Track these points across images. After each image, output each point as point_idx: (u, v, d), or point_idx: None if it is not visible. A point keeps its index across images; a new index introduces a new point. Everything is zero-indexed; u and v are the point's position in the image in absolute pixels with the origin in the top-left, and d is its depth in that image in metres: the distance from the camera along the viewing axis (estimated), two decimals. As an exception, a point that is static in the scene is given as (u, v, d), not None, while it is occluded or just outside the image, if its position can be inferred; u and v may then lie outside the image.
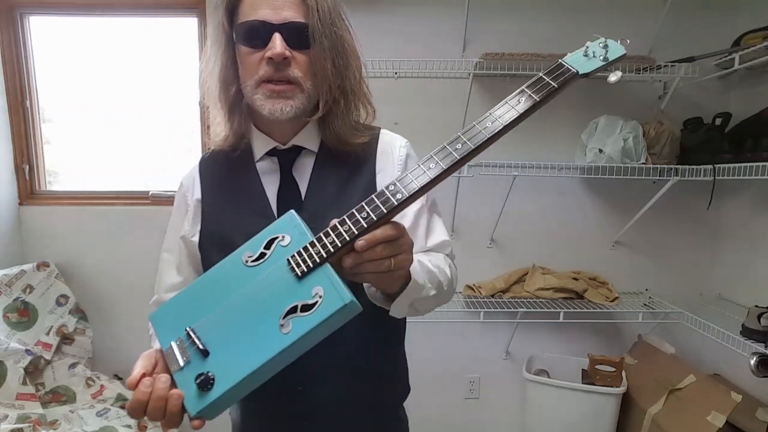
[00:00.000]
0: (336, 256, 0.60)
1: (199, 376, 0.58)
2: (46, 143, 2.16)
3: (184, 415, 0.59)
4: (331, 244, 0.60)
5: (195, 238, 0.85)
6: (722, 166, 1.65)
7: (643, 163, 1.81)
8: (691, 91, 1.96)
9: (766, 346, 1.50)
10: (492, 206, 1.99)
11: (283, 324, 0.58)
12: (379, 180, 0.83)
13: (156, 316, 0.67)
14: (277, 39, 0.73)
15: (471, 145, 0.59)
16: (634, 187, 1.97)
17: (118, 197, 2.13)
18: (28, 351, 1.79)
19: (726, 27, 1.90)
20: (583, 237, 2.09)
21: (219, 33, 0.79)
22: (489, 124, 0.59)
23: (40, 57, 2.10)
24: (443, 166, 0.59)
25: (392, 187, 0.60)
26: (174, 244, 0.88)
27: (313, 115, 0.80)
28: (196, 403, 0.57)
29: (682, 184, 1.84)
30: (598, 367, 1.88)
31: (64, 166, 2.22)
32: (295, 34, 0.74)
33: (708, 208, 1.83)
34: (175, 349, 0.61)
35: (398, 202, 0.59)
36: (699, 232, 2.07)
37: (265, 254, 0.64)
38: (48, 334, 1.92)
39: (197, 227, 0.85)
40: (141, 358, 0.64)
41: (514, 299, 1.99)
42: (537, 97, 0.59)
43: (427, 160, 0.60)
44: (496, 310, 1.93)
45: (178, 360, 0.60)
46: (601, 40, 0.62)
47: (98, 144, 2.18)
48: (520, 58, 1.75)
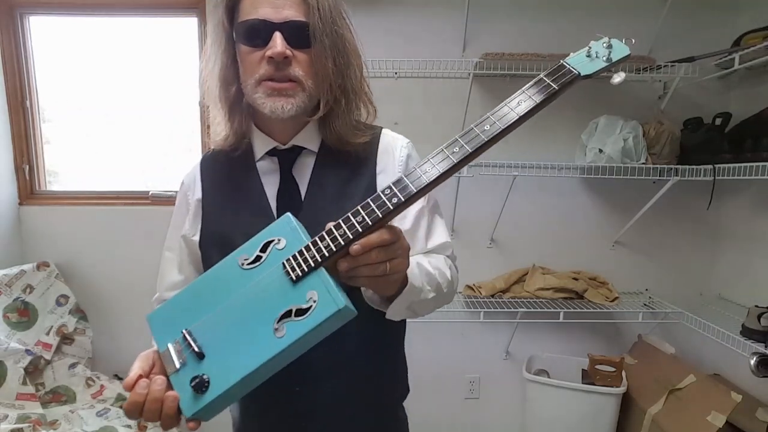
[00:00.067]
0: (331, 260, 0.60)
1: (194, 378, 0.58)
2: (46, 143, 2.16)
3: (181, 416, 0.59)
4: (326, 248, 0.59)
5: (195, 238, 0.85)
6: (722, 166, 1.65)
7: (643, 163, 1.81)
8: (691, 91, 1.96)
9: (766, 346, 1.50)
10: (492, 206, 1.99)
11: (277, 328, 0.58)
12: (380, 180, 0.82)
13: (153, 317, 0.67)
14: (278, 38, 0.72)
15: (468, 149, 0.58)
16: (634, 187, 1.96)
17: (118, 197, 2.13)
18: (28, 351, 1.79)
19: (726, 27, 1.90)
20: (583, 237, 2.09)
21: (219, 32, 0.78)
22: (487, 127, 0.58)
23: (40, 57, 2.10)
24: (440, 170, 0.58)
25: (388, 191, 0.59)
26: (175, 242, 0.88)
27: (313, 115, 0.80)
28: (191, 406, 0.58)
29: (682, 184, 1.84)
30: (598, 367, 1.88)
31: (64, 166, 2.22)
32: (296, 33, 0.73)
33: (708, 208, 1.83)
34: (171, 351, 0.62)
35: (394, 207, 0.58)
36: (699, 232, 2.07)
37: (261, 257, 0.64)
38: (48, 334, 1.92)
39: (198, 227, 0.85)
40: (138, 359, 0.65)
41: (514, 299, 1.99)
42: (537, 99, 0.58)
43: (424, 163, 0.59)
44: (496, 310, 1.93)
45: (174, 362, 0.61)
46: (605, 39, 0.60)
47: (98, 144, 2.18)
48: (520, 58, 1.75)
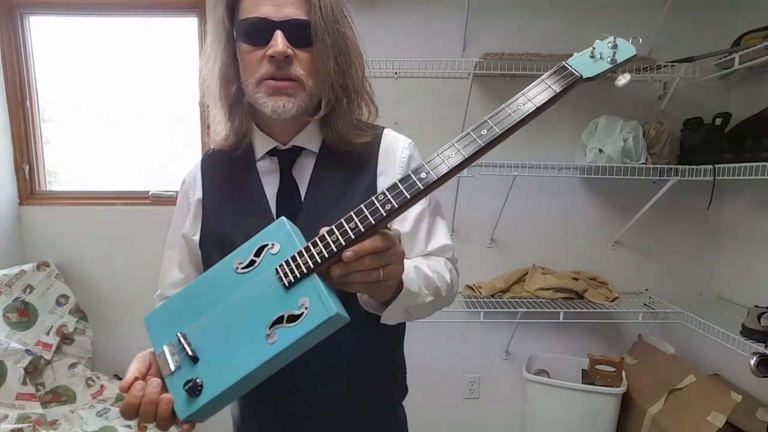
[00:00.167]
0: (323, 267, 0.60)
1: (188, 382, 0.59)
2: (46, 143, 2.16)
3: (176, 418, 0.60)
4: (318, 255, 0.59)
5: (195, 237, 0.85)
6: (722, 166, 1.65)
7: (643, 163, 1.81)
8: (691, 91, 1.96)
9: (766, 346, 1.50)
10: (492, 206, 1.99)
11: (269, 334, 0.58)
12: (380, 182, 0.81)
13: (150, 319, 0.67)
14: (279, 37, 0.72)
15: (464, 155, 0.57)
16: (634, 187, 1.97)
17: (118, 197, 2.13)
18: (28, 351, 1.79)
19: (726, 27, 1.90)
20: (583, 237, 2.09)
21: (219, 30, 0.78)
22: (484, 132, 0.57)
23: (40, 57, 2.10)
24: (434, 176, 0.57)
25: (382, 197, 0.58)
26: (176, 241, 0.88)
27: (314, 115, 0.79)
28: (185, 409, 0.59)
29: (682, 184, 1.84)
30: (598, 367, 1.88)
31: (64, 166, 2.22)
32: (297, 32, 0.73)
33: (708, 208, 1.83)
34: (167, 354, 0.62)
35: (387, 213, 0.57)
36: (699, 232, 2.07)
37: (255, 261, 0.64)
38: (48, 334, 1.91)
39: (198, 226, 0.85)
40: (135, 360, 0.65)
41: (514, 299, 1.99)
42: (536, 102, 0.57)
43: (419, 169, 0.58)
44: (496, 310, 1.93)
45: (170, 365, 0.61)
46: (610, 39, 0.58)
47: (98, 144, 2.18)
48: (520, 58, 1.75)
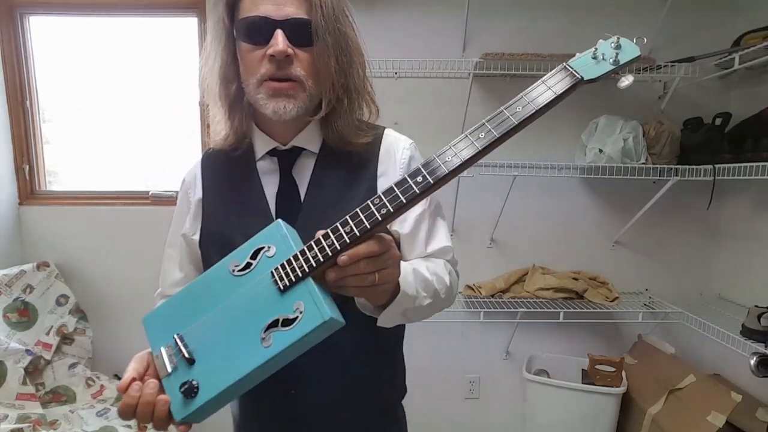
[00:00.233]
0: (318, 271, 0.60)
1: (184, 384, 0.59)
2: (46, 143, 2.16)
3: (172, 418, 0.60)
4: (313, 259, 0.59)
5: (195, 237, 0.85)
6: (722, 166, 1.65)
7: (643, 163, 1.81)
8: (691, 91, 1.96)
9: (766, 346, 1.50)
10: (492, 206, 1.99)
11: (264, 337, 0.59)
12: (380, 184, 0.81)
13: (149, 320, 0.68)
14: (279, 36, 0.71)
15: (459, 159, 0.57)
16: (634, 187, 1.97)
17: (118, 197, 2.13)
18: (28, 351, 1.79)
19: (726, 27, 1.90)
20: (583, 237, 2.09)
21: (219, 29, 0.77)
22: (482, 135, 0.56)
23: (40, 57, 2.10)
24: (431, 180, 0.57)
25: (378, 201, 0.58)
26: (176, 240, 0.88)
27: (315, 115, 0.78)
28: (181, 410, 0.59)
29: (682, 184, 1.84)
30: (598, 367, 1.88)
31: (64, 166, 2.22)
32: (298, 31, 0.72)
33: (708, 208, 1.83)
34: (164, 355, 0.63)
35: (383, 218, 0.57)
36: (699, 232, 2.07)
37: (251, 264, 0.64)
38: (48, 334, 1.91)
39: (198, 226, 0.85)
40: (134, 360, 0.65)
41: (514, 299, 1.99)
42: (536, 105, 0.56)
43: (415, 173, 0.57)
44: (496, 310, 1.93)
45: (167, 366, 0.62)
46: (613, 39, 0.56)
47: (98, 144, 2.18)
48: (521, 58, 1.75)
